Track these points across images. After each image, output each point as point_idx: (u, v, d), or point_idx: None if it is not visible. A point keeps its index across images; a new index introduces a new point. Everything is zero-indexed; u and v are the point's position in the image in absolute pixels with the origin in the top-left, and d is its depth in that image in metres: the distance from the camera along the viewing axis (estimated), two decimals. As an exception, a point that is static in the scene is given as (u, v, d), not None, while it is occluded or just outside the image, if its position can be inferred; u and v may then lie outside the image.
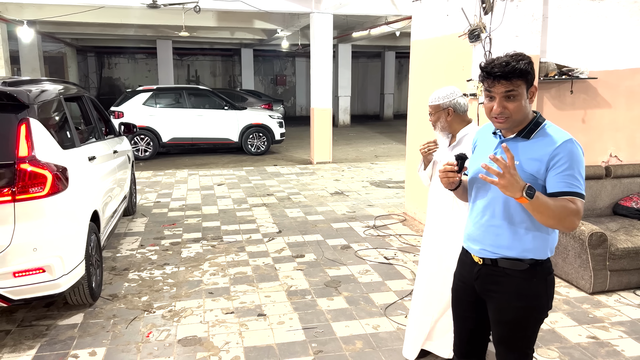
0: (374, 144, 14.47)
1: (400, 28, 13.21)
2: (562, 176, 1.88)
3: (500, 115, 1.92)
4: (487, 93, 1.95)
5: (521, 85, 1.90)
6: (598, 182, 4.72)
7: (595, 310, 3.86)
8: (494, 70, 1.89)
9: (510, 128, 1.98)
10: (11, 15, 11.84)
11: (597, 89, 4.72)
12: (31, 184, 3.15)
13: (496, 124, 1.97)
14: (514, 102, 1.90)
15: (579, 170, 1.90)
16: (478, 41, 4.77)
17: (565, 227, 1.88)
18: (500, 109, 1.91)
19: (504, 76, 1.88)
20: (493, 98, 1.93)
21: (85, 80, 23.37)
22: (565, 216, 1.85)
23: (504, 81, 1.88)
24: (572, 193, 1.88)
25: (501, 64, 1.88)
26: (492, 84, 1.91)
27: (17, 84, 3.59)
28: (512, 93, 1.89)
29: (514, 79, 1.88)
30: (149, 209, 7.05)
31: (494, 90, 1.91)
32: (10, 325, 3.62)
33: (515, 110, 1.91)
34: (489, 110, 1.96)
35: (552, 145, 1.91)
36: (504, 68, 1.87)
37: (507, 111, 1.91)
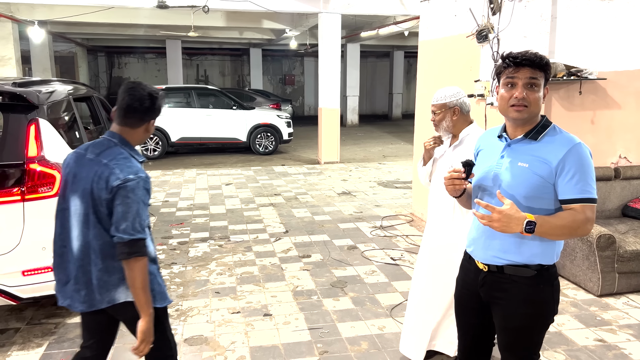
0: (382, 144, 14.45)
1: (409, 28, 13.17)
2: (573, 182, 1.87)
3: (522, 101, 1.90)
4: (509, 80, 1.93)
5: (542, 77, 1.91)
6: (607, 184, 4.68)
7: (603, 312, 3.83)
8: (525, 59, 1.89)
9: (525, 120, 1.95)
10: (23, 16, 11.96)
11: (607, 90, 4.68)
12: (40, 184, 3.19)
13: (514, 113, 1.93)
14: (535, 92, 1.90)
15: (589, 174, 1.89)
16: (486, 42, 4.75)
17: (578, 236, 1.91)
18: (522, 94, 1.90)
19: (530, 63, 1.88)
20: (514, 85, 1.91)
21: (95, 79, 23.55)
22: (575, 229, 1.87)
23: (529, 68, 1.89)
24: (584, 199, 1.87)
25: (535, 54, 1.90)
26: (516, 69, 1.90)
27: (27, 84, 3.63)
28: (535, 81, 1.90)
29: (537, 69, 1.89)
30: (158, 209, 7.09)
31: (517, 75, 1.90)
32: (20, 323, 3.66)
33: (534, 102, 1.91)
34: (507, 98, 1.93)
35: (561, 150, 1.89)
36: (536, 57, 1.89)
37: (527, 100, 1.90)
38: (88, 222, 2.06)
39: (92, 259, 2.08)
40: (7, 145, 3.21)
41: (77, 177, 2.10)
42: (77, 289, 2.12)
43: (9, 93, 3.33)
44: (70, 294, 2.14)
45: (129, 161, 2.07)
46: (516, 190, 1.94)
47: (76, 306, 2.14)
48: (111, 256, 2.07)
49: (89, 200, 2.05)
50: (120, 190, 2.00)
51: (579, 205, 1.88)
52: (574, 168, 1.87)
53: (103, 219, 2.05)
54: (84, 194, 2.06)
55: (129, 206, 2.00)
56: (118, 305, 2.14)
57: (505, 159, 2.00)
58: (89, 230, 2.06)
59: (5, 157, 3.18)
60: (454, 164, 2.73)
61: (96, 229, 2.06)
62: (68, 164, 2.17)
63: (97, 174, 2.04)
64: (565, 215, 1.88)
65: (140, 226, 2.02)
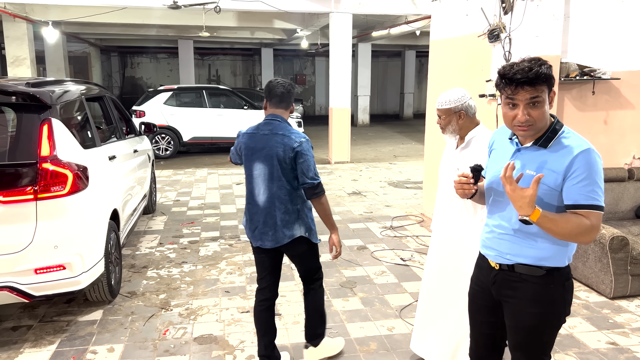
0: (393, 144, 14.41)
1: (421, 27, 13.11)
2: (580, 187, 1.84)
3: (524, 124, 1.86)
4: (509, 101, 1.87)
5: (544, 90, 1.84)
6: (620, 185, 4.63)
7: (615, 315, 3.79)
8: (517, 76, 1.80)
9: (532, 135, 1.93)
10: (37, 16, 12.10)
11: (620, 90, 4.62)
12: (53, 183, 3.22)
13: (519, 132, 1.92)
14: (538, 109, 1.85)
15: (597, 181, 1.85)
16: (497, 41, 4.72)
17: (579, 242, 1.88)
18: (525, 117, 1.85)
19: (529, 82, 1.80)
20: (515, 105, 1.86)
21: (108, 79, 23.76)
22: (578, 233, 1.85)
23: (529, 87, 1.81)
24: (590, 206, 1.84)
25: (524, 69, 1.80)
26: (515, 90, 1.83)
27: (40, 84, 3.67)
28: (536, 100, 1.83)
29: (538, 85, 1.81)
30: (169, 208, 7.14)
31: (517, 97, 1.84)
32: (32, 321, 3.71)
33: (539, 118, 1.86)
34: (511, 118, 1.89)
35: (569, 155, 1.86)
36: (527, 74, 1.79)
37: (531, 119, 1.85)
38: (272, 178, 2.84)
39: (276, 205, 2.86)
40: (20, 144, 3.25)
41: (255, 149, 2.87)
42: (265, 231, 2.89)
43: (22, 93, 3.37)
44: (260, 236, 2.92)
45: (295, 130, 2.87)
46: None
47: (266, 244, 2.91)
48: (290, 201, 2.86)
49: (273, 162, 2.82)
50: (299, 150, 2.79)
51: (585, 212, 1.85)
52: (581, 173, 1.84)
53: (285, 174, 2.83)
54: (268, 158, 2.83)
55: (308, 161, 2.82)
56: (295, 240, 2.89)
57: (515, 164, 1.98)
58: (274, 184, 2.84)
59: (18, 157, 3.22)
60: (460, 166, 2.72)
61: (280, 181, 2.83)
62: (244, 142, 2.94)
63: (279, 142, 2.81)
64: (572, 217, 1.86)
65: (317, 173, 2.87)
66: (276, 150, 2.80)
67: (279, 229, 2.87)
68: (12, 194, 3.13)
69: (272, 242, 2.89)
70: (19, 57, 11.87)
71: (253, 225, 2.95)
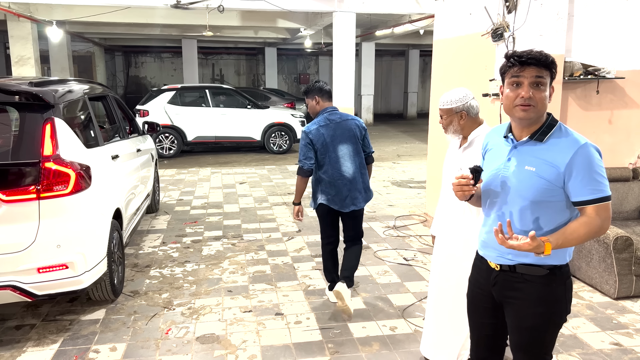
0: (397, 143, 14.39)
1: (424, 26, 13.09)
2: (584, 183, 1.86)
3: (528, 101, 1.88)
4: (514, 79, 1.90)
5: (547, 76, 1.89)
6: (625, 185, 4.60)
7: (619, 316, 3.77)
8: (530, 57, 1.87)
9: (531, 120, 1.93)
10: (41, 16, 12.15)
11: (625, 89, 4.60)
12: (55, 182, 3.23)
13: (520, 112, 1.91)
14: (541, 91, 1.88)
15: (599, 172, 1.87)
16: (501, 40, 4.69)
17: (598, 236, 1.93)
18: (529, 94, 1.87)
19: (536, 62, 1.86)
20: (519, 85, 1.89)
21: (112, 79, 23.82)
22: (592, 236, 1.91)
23: (535, 67, 1.87)
24: (598, 199, 1.86)
25: (539, 52, 1.88)
26: (521, 68, 1.88)
27: (43, 84, 3.68)
28: (541, 80, 1.87)
29: (543, 68, 1.87)
30: (172, 207, 7.15)
31: (523, 74, 1.88)
32: (35, 320, 3.72)
33: (540, 101, 1.88)
34: (513, 98, 1.91)
35: (568, 153, 1.87)
36: (541, 56, 1.87)
37: (533, 99, 1.88)
38: (357, 153, 3.77)
39: (361, 173, 3.81)
40: (23, 144, 3.26)
41: (335, 135, 3.71)
42: (356, 195, 3.78)
43: (25, 92, 3.38)
44: (352, 201, 3.77)
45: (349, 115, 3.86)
46: (524, 195, 1.93)
47: (359, 206, 3.80)
48: (364, 167, 3.86)
49: (355, 141, 3.76)
50: (365, 129, 3.84)
51: (592, 207, 1.87)
52: (582, 170, 1.86)
53: (361, 148, 3.81)
54: (350, 138, 3.74)
55: (368, 136, 3.89)
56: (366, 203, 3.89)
57: (512, 162, 1.98)
58: (357, 157, 3.77)
59: (21, 156, 3.22)
60: (463, 166, 2.70)
61: (360, 155, 3.80)
62: (321, 134, 3.69)
63: (355, 124, 3.79)
64: (580, 228, 1.88)
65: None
66: (354, 131, 3.76)
67: (368, 190, 3.86)
68: (15, 193, 3.14)
69: (364, 202, 3.84)
70: (23, 57, 11.92)
71: (343, 195, 3.75)
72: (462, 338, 2.94)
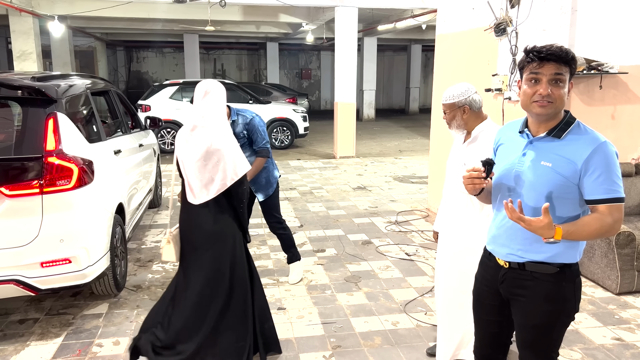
0: (399, 139, 14.37)
1: (427, 21, 13.04)
2: (600, 182, 1.83)
3: (545, 98, 1.84)
4: (532, 75, 1.86)
5: (567, 72, 1.84)
6: (627, 180, 4.59)
7: (621, 311, 3.77)
8: (551, 53, 1.82)
9: (549, 116, 1.89)
10: (43, 11, 12.13)
11: (628, 84, 4.58)
12: (58, 177, 3.23)
13: (537, 109, 1.87)
14: (560, 88, 1.84)
15: (615, 173, 1.85)
16: (504, 35, 4.69)
17: (607, 237, 1.89)
18: (547, 91, 1.83)
19: (556, 58, 1.82)
20: (538, 81, 1.85)
21: (114, 74, 23.81)
22: (603, 233, 1.87)
23: (554, 63, 1.82)
24: (611, 199, 1.84)
25: (560, 48, 1.83)
26: (540, 64, 1.83)
27: (45, 79, 3.68)
28: (560, 77, 1.83)
29: (562, 64, 1.83)
30: (174, 202, 7.13)
31: (542, 71, 1.83)
32: (39, 314, 3.74)
33: (559, 98, 1.84)
34: (530, 94, 1.87)
35: (587, 150, 1.84)
36: (562, 51, 1.82)
37: (552, 96, 1.84)
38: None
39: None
40: (26, 138, 3.26)
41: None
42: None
43: (28, 87, 3.38)
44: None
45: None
46: (539, 190, 1.90)
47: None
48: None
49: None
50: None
51: (605, 206, 1.84)
52: (599, 168, 1.82)
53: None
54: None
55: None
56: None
57: (528, 157, 1.95)
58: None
59: (24, 151, 3.22)
60: (467, 161, 2.70)
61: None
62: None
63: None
64: (593, 222, 1.85)
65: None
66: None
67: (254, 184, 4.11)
68: (18, 188, 3.14)
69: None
70: (25, 52, 11.90)
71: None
72: (459, 336, 2.95)
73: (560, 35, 4.36)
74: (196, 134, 2.73)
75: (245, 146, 3.88)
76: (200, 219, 2.82)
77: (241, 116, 3.88)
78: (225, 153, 2.71)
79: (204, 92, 2.78)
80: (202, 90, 2.79)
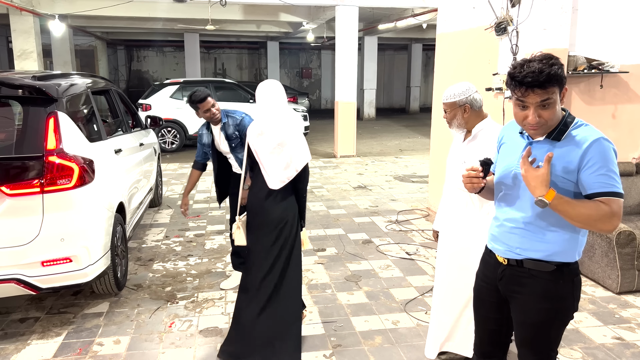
0: (399, 138, 14.37)
1: (427, 20, 13.03)
2: (596, 176, 1.81)
3: (535, 125, 1.84)
4: (519, 102, 1.85)
5: (556, 91, 1.81)
6: (628, 179, 4.59)
7: (621, 310, 3.77)
8: (527, 79, 1.77)
9: (543, 133, 1.91)
10: (43, 10, 12.12)
11: (629, 83, 4.58)
12: (59, 176, 3.24)
13: (529, 131, 1.90)
14: (549, 109, 1.82)
15: (613, 169, 1.83)
16: (505, 34, 4.68)
17: (600, 230, 1.83)
18: (535, 119, 1.82)
19: (540, 85, 1.77)
20: (526, 107, 1.84)
21: (115, 73, 23.80)
22: (597, 219, 1.79)
23: (539, 90, 1.78)
24: (609, 193, 1.81)
25: (534, 72, 1.75)
26: (525, 93, 1.80)
27: (46, 78, 3.68)
28: (547, 102, 1.80)
29: (549, 87, 1.78)
30: (175, 201, 7.16)
31: (527, 100, 1.81)
32: (39, 313, 3.74)
33: (550, 117, 1.84)
34: (521, 118, 1.86)
35: (582, 146, 1.83)
36: (538, 77, 1.76)
37: (542, 120, 1.83)
38: None
39: None
40: (27, 137, 3.27)
41: None
42: None
43: (28, 86, 3.38)
44: None
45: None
46: None
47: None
48: None
49: None
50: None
51: (604, 199, 1.82)
52: (596, 163, 1.81)
53: None
54: None
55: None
56: None
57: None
58: None
59: (25, 150, 3.23)
60: (467, 160, 2.70)
61: None
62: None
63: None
64: (591, 204, 1.81)
65: None
66: None
67: None
68: (19, 187, 3.15)
69: None
70: (25, 51, 11.90)
71: None
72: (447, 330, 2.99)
73: (561, 35, 4.36)
74: (269, 127, 2.99)
75: (239, 146, 3.92)
76: (269, 204, 3.02)
77: (231, 117, 3.98)
78: (294, 142, 2.98)
79: (268, 90, 3.03)
80: (266, 89, 3.03)
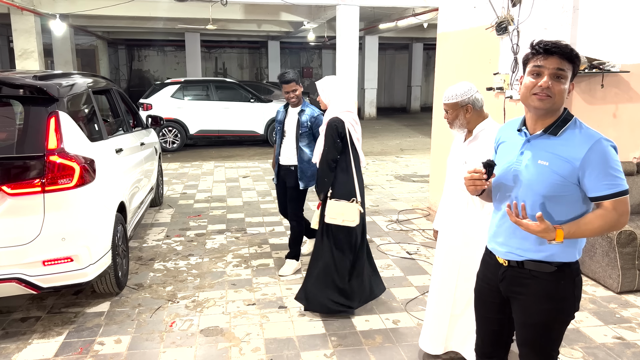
0: (400, 137, 14.36)
1: (428, 20, 13.02)
2: (600, 178, 1.83)
3: (546, 91, 1.84)
4: (535, 69, 1.87)
5: (569, 70, 1.85)
6: (629, 179, 4.58)
7: (622, 310, 3.77)
8: (553, 48, 1.84)
9: (546, 111, 1.89)
10: (44, 9, 12.13)
11: (630, 83, 4.57)
12: (60, 176, 3.24)
13: (536, 101, 1.87)
14: (561, 84, 1.84)
15: (615, 167, 1.84)
16: (506, 34, 4.68)
17: (614, 231, 1.89)
18: (548, 83, 1.84)
19: (561, 53, 1.83)
20: (540, 75, 1.86)
21: (115, 72, 23.81)
22: (608, 228, 1.89)
23: (558, 58, 1.83)
24: (613, 195, 1.83)
25: (557, 42, 1.85)
26: (544, 57, 1.84)
27: (47, 77, 3.68)
28: (562, 73, 1.84)
29: (566, 60, 1.84)
30: (175, 200, 7.17)
31: (545, 64, 1.84)
32: (40, 312, 3.75)
33: (559, 93, 1.85)
34: (530, 87, 1.87)
35: (583, 148, 1.84)
36: (564, 48, 1.84)
37: (552, 90, 1.84)
38: None
39: None
40: (28, 137, 3.27)
41: None
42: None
43: (29, 86, 3.38)
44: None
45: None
46: (536, 189, 1.90)
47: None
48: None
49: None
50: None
51: (609, 202, 1.84)
52: (597, 166, 1.82)
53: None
54: None
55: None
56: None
57: (525, 156, 1.95)
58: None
59: (26, 149, 3.23)
60: (468, 160, 2.70)
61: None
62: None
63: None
64: (595, 220, 1.86)
65: None
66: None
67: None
68: (20, 187, 3.15)
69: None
70: (26, 50, 11.92)
71: None
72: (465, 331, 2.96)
73: (562, 34, 4.36)
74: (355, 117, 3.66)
75: (305, 135, 4.29)
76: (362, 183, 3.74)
77: (310, 109, 4.40)
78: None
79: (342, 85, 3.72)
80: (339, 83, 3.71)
